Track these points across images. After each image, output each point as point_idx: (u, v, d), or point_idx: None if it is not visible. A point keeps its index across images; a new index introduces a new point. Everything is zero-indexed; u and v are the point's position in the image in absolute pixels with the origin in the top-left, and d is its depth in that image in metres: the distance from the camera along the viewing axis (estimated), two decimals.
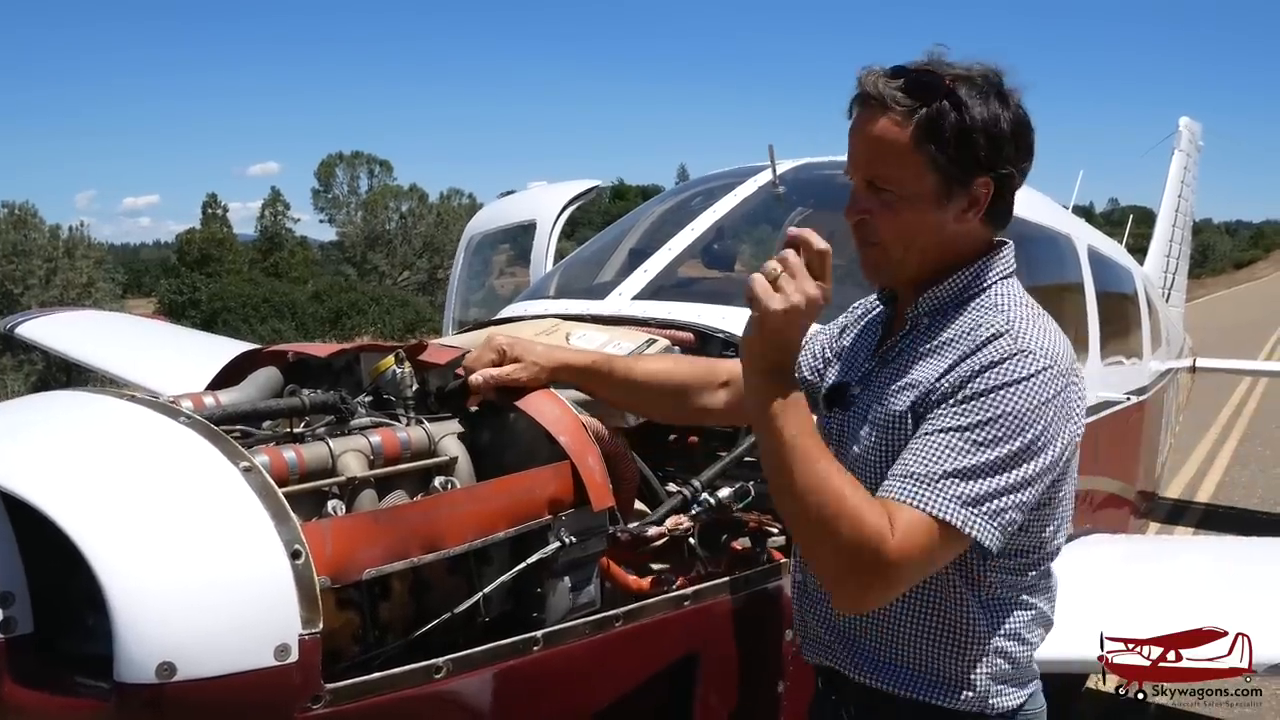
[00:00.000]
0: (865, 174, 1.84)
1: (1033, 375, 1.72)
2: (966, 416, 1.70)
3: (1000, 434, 1.68)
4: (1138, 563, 4.68)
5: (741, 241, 4.54)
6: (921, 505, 1.66)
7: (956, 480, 1.66)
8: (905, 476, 1.69)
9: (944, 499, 1.66)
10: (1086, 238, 5.33)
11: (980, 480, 1.67)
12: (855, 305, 2.26)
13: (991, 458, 1.67)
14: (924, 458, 1.69)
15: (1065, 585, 2.04)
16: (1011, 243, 1.97)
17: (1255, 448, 12.17)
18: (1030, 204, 4.79)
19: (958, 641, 1.85)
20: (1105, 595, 3.62)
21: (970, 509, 1.66)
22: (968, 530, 1.66)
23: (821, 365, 2.23)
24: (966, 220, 1.85)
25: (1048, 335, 1.81)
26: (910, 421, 1.80)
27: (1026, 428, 1.69)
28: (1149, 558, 4.95)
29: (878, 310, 2.12)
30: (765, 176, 3.98)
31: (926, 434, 1.73)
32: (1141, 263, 8.79)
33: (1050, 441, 1.73)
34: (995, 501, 1.67)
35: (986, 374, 1.73)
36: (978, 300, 1.88)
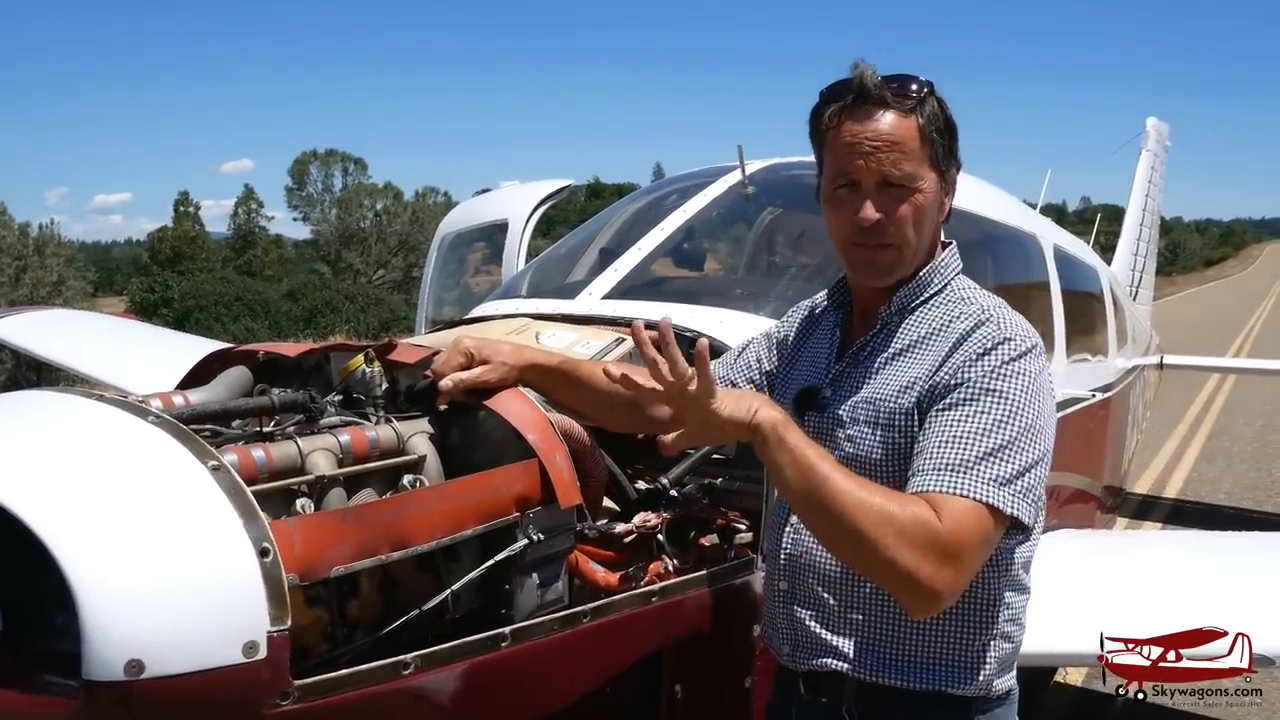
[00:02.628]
0: (880, 173, 1.88)
1: (1023, 355, 1.84)
2: (976, 402, 1.80)
3: (1010, 411, 1.78)
4: (1104, 557, 4.74)
5: (711, 241, 4.57)
6: (962, 492, 1.73)
7: (987, 463, 1.74)
8: (938, 469, 1.76)
9: (981, 483, 1.73)
10: (1052, 237, 5.40)
11: (1007, 460, 1.75)
12: (793, 310, 2.31)
13: (1010, 435, 1.76)
14: (949, 448, 1.77)
15: (1039, 580, 2.09)
16: (954, 243, 2.08)
17: (1223, 443, 12.34)
18: (997, 204, 4.85)
19: (977, 626, 1.92)
20: (1076, 590, 3.67)
21: (1006, 488, 1.74)
22: (1009, 510, 1.73)
23: (759, 375, 2.28)
24: (944, 211, 1.99)
25: (1020, 320, 1.93)
26: (916, 418, 1.88)
27: (1030, 402, 1.80)
28: (1117, 552, 5.00)
29: (826, 311, 2.17)
30: (735, 177, 4.01)
31: (943, 426, 1.81)
32: (1110, 261, 8.89)
33: (1051, 413, 1.85)
34: (1025, 478, 1.76)
35: (983, 360, 1.83)
36: (942, 295, 2.00)
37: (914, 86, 1.89)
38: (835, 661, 1.97)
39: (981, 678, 1.93)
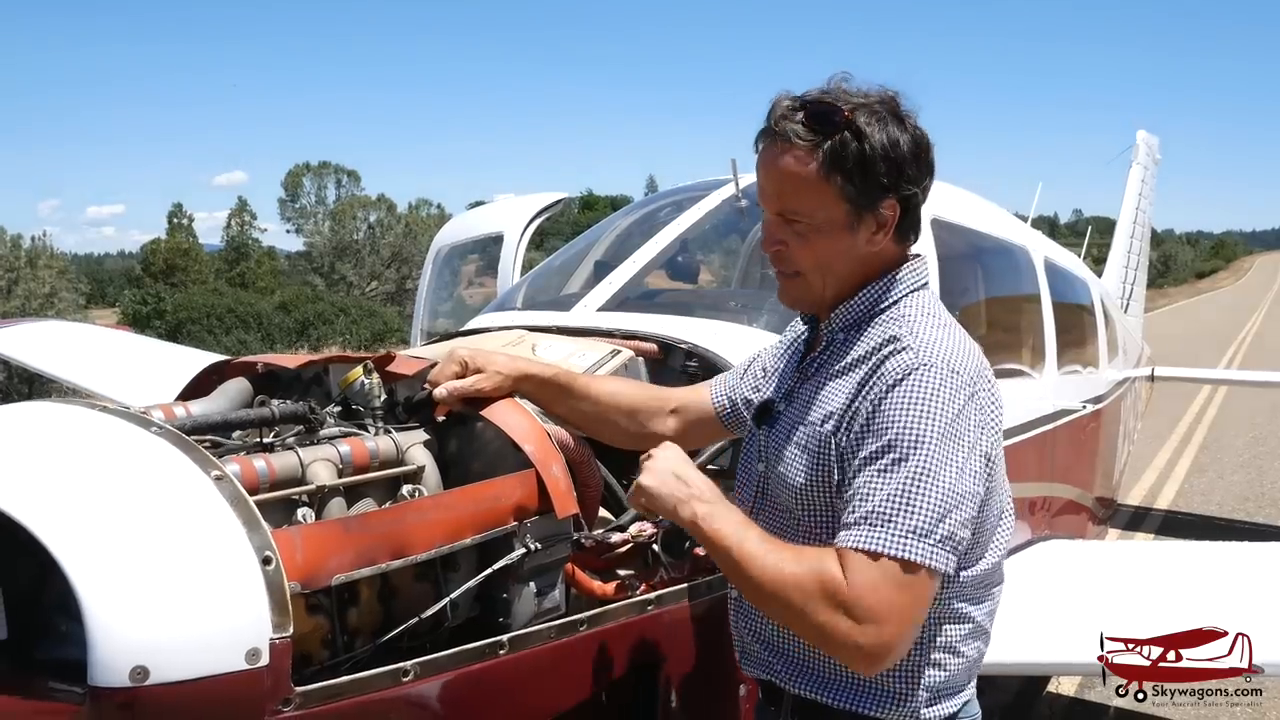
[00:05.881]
0: (776, 206, 1.91)
1: (939, 388, 1.76)
2: (893, 450, 1.73)
3: (927, 456, 1.71)
4: (1099, 566, 4.76)
5: (705, 253, 4.61)
6: (874, 548, 1.69)
7: (904, 515, 1.69)
8: (856, 523, 1.73)
9: (896, 536, 1.69)
10: (1043, 250, 5.44)
11: (923, 509, 1.69)
12: (794, 321, 2.34)
13: (927, 484, 1.70)
14: (866, 502, 1.72)
15: (1019, 589, 2.11)
16: (924, 256, 2.03)
17: (1214, 455, 12.37)
18: (988, 217, 4.89)
19: None
20: (1072, 600, 3.69)
21: (924, 540, 1.69)
22: (925, 561, 1.68)
23: (765, 385, 2.30)
24: (877, 242, 1.92)
25: (951, 345, 1.84)
26: (833, 448, 1.85)
27: (946, 441, 1.73)
28: (1111, 561, 5.03)
29: (802, 328, 2.19)
30: (728, 190, 4.05)
31: (864, 477, 1.75)
32: (1101, 273, 8.94)
33: (971, 450, 1.76)
34: (942, 526, 1.70)
35: (893, 394, 1.77)
36: (888, 314, 1.94)
37: (819, 117, 1.83)
38: (769, 674, 2.01)
39: (907, 704, 1.89)
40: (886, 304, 1.95)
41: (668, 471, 1.90)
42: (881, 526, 1.69)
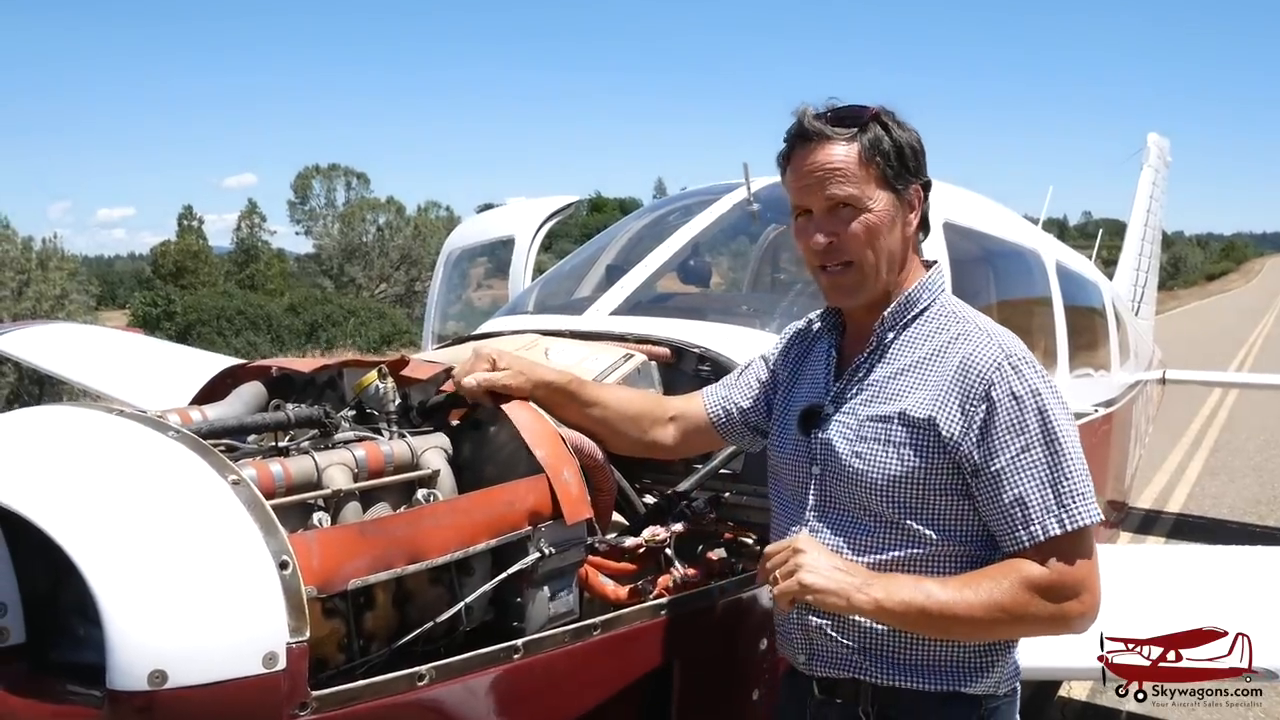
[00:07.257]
0: (826, 198, 2.03)
1: (1033, 369, 1.97)
2: (1028, 446, 1.92)
3: (1054, 436, 1.93)
4: (1107, 570, 4.73)
5: (717, 257, 4.61)
6: (1055, 532, 1.90)
7: (1066, 497, 1.91)
8: (1028, 521, 1.91)
9: (1064, 515, 1.91)
10: (1055, 252, 5.43)
11: (1073, 480, 1.92)
12: (785, 332, 2.39)
13: (1063, 457, 1.92)
14: (1027, 496, 1.92)
15: None
16: (939, 261, 2.21)
17: (1225, 458, 12.32)
18: (999, 220, 4.88)
19: None
20: None
21: (1083, 506, 1.92)
22: (1091, 521, 1.92)
23: (760, 394, 2.35)
24: (910, 225, 2.10)
25: (1009, 333, 2.06)
26: (934, 431, 1.97)
27: (1059, 414, 1.95)
28: (1120, 565, 5.00)
29: (820, 332, 2.25)
30: (740, 194, 4.04)
31: (1008, 476, 1.93)
32: (1111, 276, 8.91)
33: (1074, 423, 1.99)
34: (1087, 486, 1.94)
35: (1003, 387, 1.94)
36: (931, 311, 2.10)
37: (850, 117, 2.03)
38: (851, 670, 2.06)
39: (992, 677, 2.04)
40: (927, 302, 2.11)
41: (829, 567, 1.93)
42: (1049, 513, 1.91)
